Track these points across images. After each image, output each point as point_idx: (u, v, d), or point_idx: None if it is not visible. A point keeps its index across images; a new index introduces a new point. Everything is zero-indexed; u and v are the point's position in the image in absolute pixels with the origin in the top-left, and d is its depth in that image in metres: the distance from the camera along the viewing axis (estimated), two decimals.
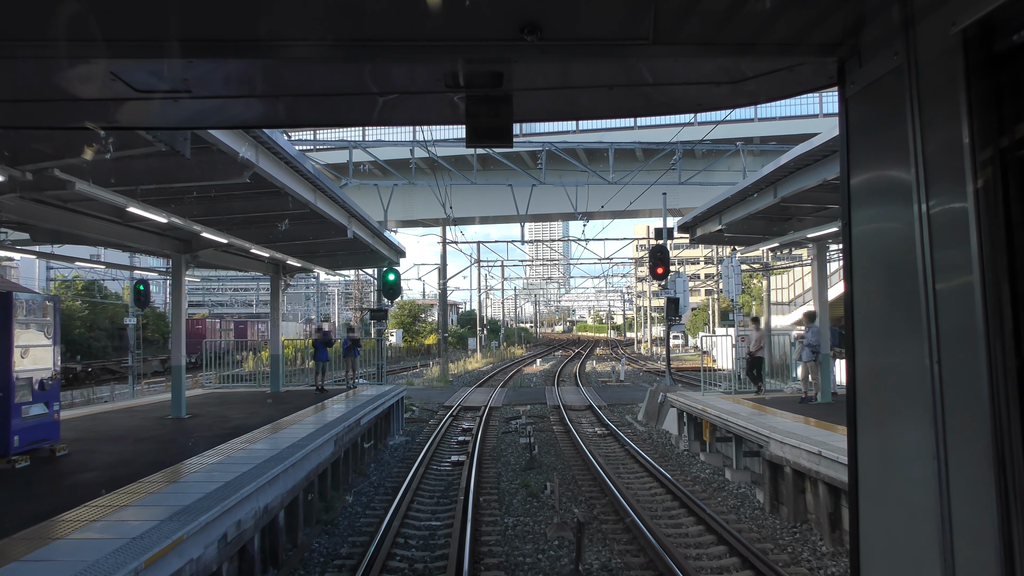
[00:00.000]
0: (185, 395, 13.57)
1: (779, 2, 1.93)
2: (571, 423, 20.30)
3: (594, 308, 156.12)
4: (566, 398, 27.16)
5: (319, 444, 10.49)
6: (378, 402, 16.44)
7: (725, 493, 12.35)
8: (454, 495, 12.11)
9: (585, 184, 23.79)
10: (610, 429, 19.35)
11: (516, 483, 13.03)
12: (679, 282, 21.22)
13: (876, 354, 1.94)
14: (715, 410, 14.07)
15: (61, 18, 1.93)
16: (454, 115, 2.51)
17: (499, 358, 58.92)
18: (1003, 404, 1.50)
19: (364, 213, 15.75)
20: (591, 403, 25.22)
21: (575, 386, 33.48)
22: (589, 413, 23.53)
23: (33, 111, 2.73)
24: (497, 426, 20.64)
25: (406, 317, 74.05)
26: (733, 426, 12.81)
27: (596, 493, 12.38)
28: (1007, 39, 1.52)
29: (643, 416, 21.64)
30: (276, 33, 2.05)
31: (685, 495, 11.62)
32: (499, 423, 21.23)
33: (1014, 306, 1.52)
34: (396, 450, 16.81)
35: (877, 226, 1.94)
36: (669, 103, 2.83)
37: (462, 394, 28.95)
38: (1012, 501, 1.47)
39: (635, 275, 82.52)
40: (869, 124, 1.95)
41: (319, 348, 18.13)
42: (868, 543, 1.96)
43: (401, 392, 19.61)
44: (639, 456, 15.27)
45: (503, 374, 42.56)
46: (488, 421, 21.40)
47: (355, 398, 17.38)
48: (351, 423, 12.96)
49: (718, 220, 15.32)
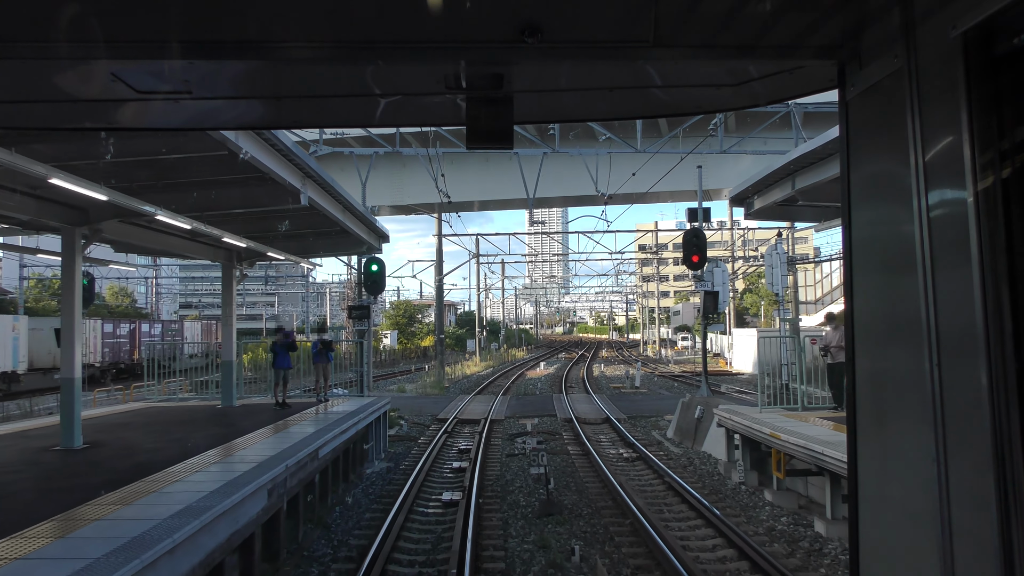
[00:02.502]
0: (80, 418, 10.02)
1: (779, 5, 1.93)
2: (589, 441, 16.79)
3: (595, 309, 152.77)
4: (578, 408, 23.63)
5: (236, 501, 6.96)
6: (352, 420, 12.92)
7: (827, 560, 8.78)
8: (444, 560, 8.58)
9: (607, 152, 20.11)
10: (638, 450, 15.83)
11: (530, 540, 9.50)
12: (718, 273, 17.69)
13: (876, 356, 1.96)
14: (792, 435, 10.53)
15: (62, 19, 1.92)
16: (455, 116, 2.52)
17: (499, 361, 55.36)
18: (1003, 405, 1.50)
19: (326, 176, 12.22)
20: (608, 415, 21.71)
21: (586, 393, 29.95)
22: (607, 428, 20.00)
23: (34, 112, 2.73)
24: (500, 445, 17.12)
25: (401, 318, 70.38)
26: (829, 461, 9.27)
27: (642, 556, 8.85)
28: (1007, 42, 1.53)
29: (674, 432, 18.13)
30: (276, 35, 2.05)
31: (769, 562, 8.11)
32: (502, 441, 17.69)
33: (1014, 308, 1.52)
34: (373, 483, 13.27)
35: (877, 229, 1.95)
36: (670, 105, 2.86)
37: (459, 404, 25.42)
38: (1012, 504, 1.47)
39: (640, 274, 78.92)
40: (869, 127, 1.97)
41: (279, 354, 14.59)
42: (867, 547, 1.96)
43: (385, 405, 16.08)
44: (685, 492, 11.75)
45: (504, 379, 39.00)
46: (489, 439, 17.87)
47: (324, 415, 13.85)
48: (304, 458, 9.44)
49: (790, 185, 11.79)
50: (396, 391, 32.24)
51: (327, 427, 12.03)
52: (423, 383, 34.02)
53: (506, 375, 42.06)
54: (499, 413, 22.91)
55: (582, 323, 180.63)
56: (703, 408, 16.59)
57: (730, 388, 30.59)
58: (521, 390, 32.59)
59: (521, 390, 32.59)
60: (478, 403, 26.00)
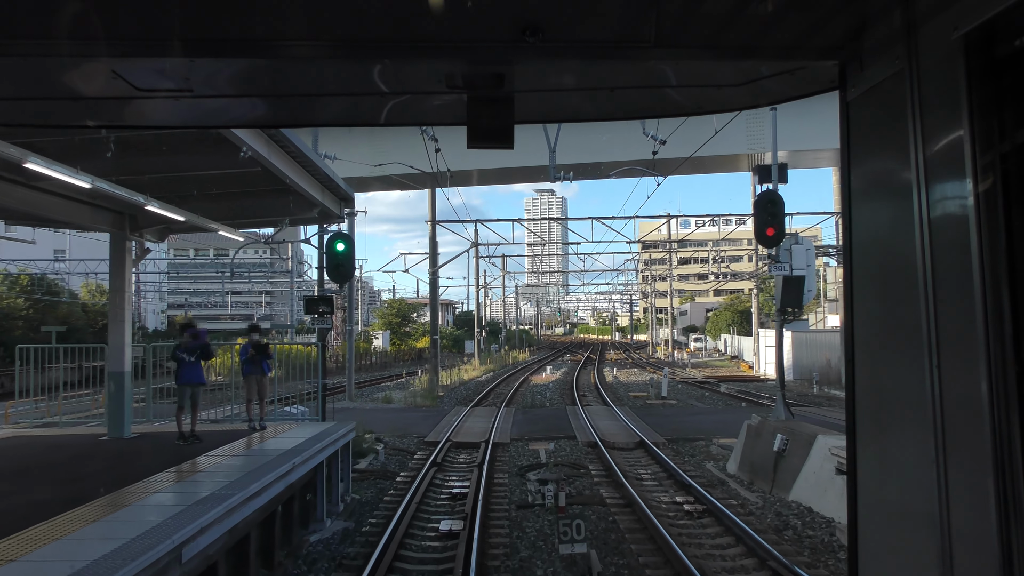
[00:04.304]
0: None
1: (780, 6, 1.92)
2: (627, 479, 12.24)
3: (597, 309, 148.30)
4: (600, 426, 19.07)
5: None
6: (287, 466, 8.41)
7: None
8: None
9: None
10: (699, 496, 11.26)
11: None
12: (799, 252, 13.11)
13: (875, 358, 1.95)
14: None
15: (63, 16, 1.91)
16: (456, 116, 2.45)
17: (500, 364, 50.78)
18: (1003, 407, 1.49)
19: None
20: (640, 436, 17.18)
21: (604, 405, 25.39)
22: (644, 456, 15.44)
23: (34, 110, 2.70)
24: (507, 485, 12.58)
25: (394, 317, 65.67)
26: None
27: None
28: (1009, 44, 1.52)
29: (738, 467, 13.57)
30: (277, 33, 2.03)
31: None
32: (510, 478, 13.12)
33: (1014, 311, 1.51)
34: (316, 562, 8.67)
35: (878, 230, 1.95)
36: (671, 105, 2.82)
37: (454, 419, 20.85)
38: (1011, 508, 1.46)
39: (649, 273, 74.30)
40: (870, 128, 1.97)
41: (183, 362, 9.99)
42: (866, 550, 1.95)
43: (347, 434, 11.52)
44: None
45: (506, 385, 34.44)
46: (492, 473, 13.32)
47: (250, 455, 9.31)
48: (164, 558, 4.87)
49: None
50: (382, 401, 27.64)
51: (245, 478, 7.49)
52: (413, 392, 29.38)
53: (508, 381, 37.48)
54: (503, 433, 18.35)
55: (583, 324, 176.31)
56: (786, 439, 12.02)
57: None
58: (527, 400, 28.00)
59: (527, 400, 28.00)
60: (477, 418, 21.43)
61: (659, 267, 70.96)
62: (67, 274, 61.73)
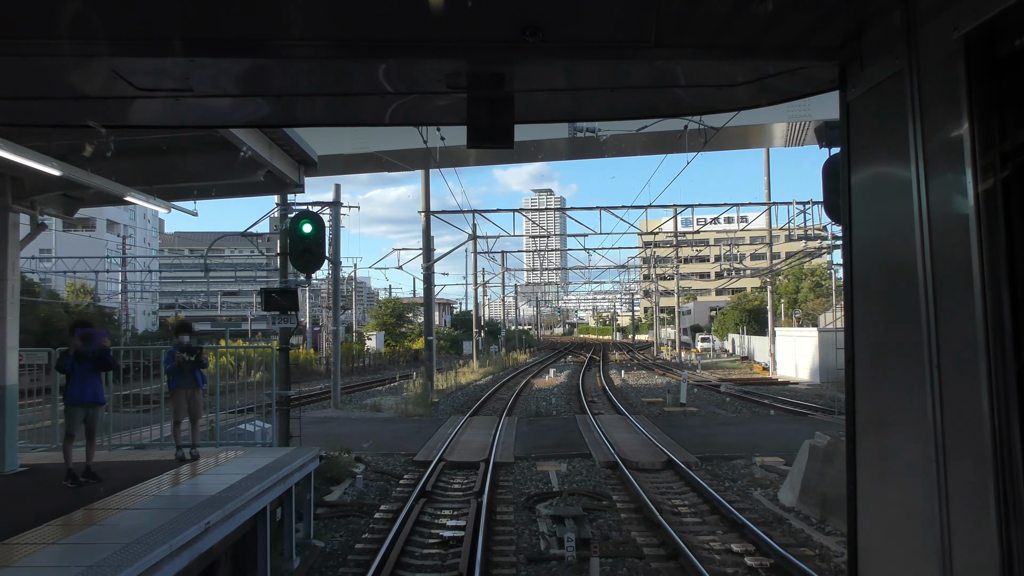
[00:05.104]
0: None
1: (780, 6, 1.90)
2: (663, 516, 9.65)
3: (597, 309, 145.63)
4: (618, 440, 16.47)
5: None
6: (196, 527, 5.81)
7: None
8: None
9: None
10: (755, 538, 8.68)
11: None
12: None
13: (876, 357, 1.93)
14: None
15: (64, 16, 1.90)
16: (457, 115, 2.45)
17: (500, 366, 48.15)
18: (1003, 409, 1.45)
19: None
20: (666, 453, 14.61)
21: (617, 413, 22.81)
22: (676, 481, 12.85)
23: (35, 109, 2.66)
24: (512, 521, 9.99)
25: (389, 317, 62.95)
26: None
27: None
28: (1008, 44, 1.51)
29: (796, 497, 10.98)
30: (277, 33, 2.03)
31: None
32: (515, 513, 10.52)
33: (1014, 310, 1.48)
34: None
35: (878, 228, 1.94)
36: (671, 106, 2.78)
37: (449, 430, 18.24)
38: (1011, 508, 1.43)
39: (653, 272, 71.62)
40: (871, 127, 1.97)
41: (74, 372, 7.37)
42: (866, 551, 1.92)
43: (309, 464, 8.93)
44: None
45: (507, 390, 31.84)
46: (493, 507, 10.71)
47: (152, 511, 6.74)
48: None
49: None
50: (370, 408, 25.04)
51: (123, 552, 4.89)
52: (406, 398, 26.74)
53: (509, 385, 34.88)
54: (506, 449, 15.76)
55: (583, 324, 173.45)
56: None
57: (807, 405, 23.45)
58: (531, 408, 25.39)
59: (531, 408, 25.39)
60: (476, 430, 18.83)
61: (664, 266, 68.36)
62: (52, 273, 59.20)
